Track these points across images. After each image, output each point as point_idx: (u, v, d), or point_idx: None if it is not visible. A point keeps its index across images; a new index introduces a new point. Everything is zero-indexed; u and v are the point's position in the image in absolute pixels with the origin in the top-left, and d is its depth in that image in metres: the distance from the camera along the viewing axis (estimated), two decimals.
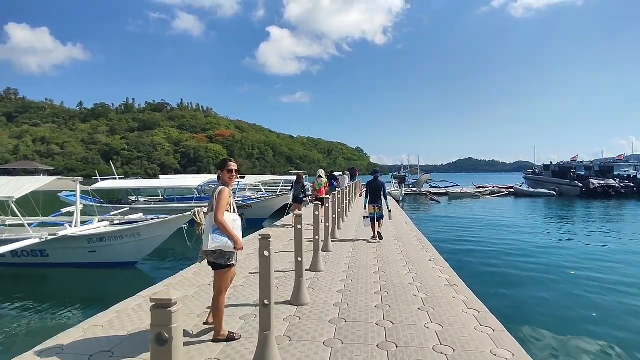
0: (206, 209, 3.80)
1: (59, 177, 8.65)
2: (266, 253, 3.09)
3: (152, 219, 8.46)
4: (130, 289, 5.65)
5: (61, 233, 7.32)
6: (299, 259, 4.57)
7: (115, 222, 8.82)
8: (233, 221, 3.56)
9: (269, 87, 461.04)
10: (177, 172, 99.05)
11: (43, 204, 10.22)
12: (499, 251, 11.31)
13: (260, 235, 3.11)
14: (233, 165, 3.76)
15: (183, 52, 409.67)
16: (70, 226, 8.00)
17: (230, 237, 3.45)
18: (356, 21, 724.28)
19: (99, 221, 8.63)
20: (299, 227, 4.61)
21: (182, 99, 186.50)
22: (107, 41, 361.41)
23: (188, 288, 5.28)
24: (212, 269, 3.64)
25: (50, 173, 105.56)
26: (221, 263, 3.51)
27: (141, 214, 9.78)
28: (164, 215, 8.96)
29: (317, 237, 6.18)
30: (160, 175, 29.46)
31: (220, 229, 3.44)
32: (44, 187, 8.10)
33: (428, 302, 4.67)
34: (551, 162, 43.01)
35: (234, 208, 3.73)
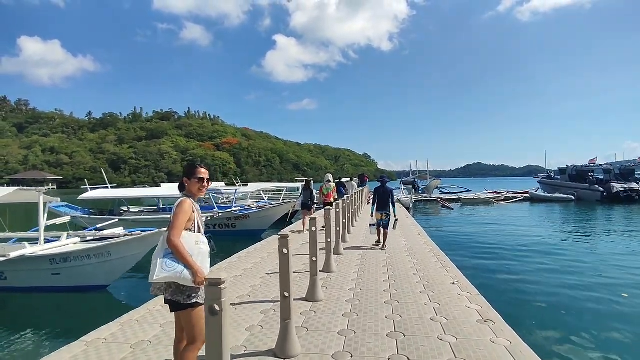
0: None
1: (20, 187, 7.66)
2: (217, 307, 1.94)
3: (125, 235, 7.39)
4: (98, 318, 4.77)
5: (14, 254, 6.28)
6: (286, 294, 3.42)
7: (88, 238, 7.76)
8: (195, 244, 2.57)
9: (275, 95, 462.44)
10: None
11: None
12: (528, 267, 9.76)
13: (208, 280, 1.97)
14: (203, 173, 2.79)
15: (190, 61, 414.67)
16: (36, 244, 6.98)
17: (187, 265, 2.46)
18: (362, 28, 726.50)
19: (68, 237, 7.60)
20: (284, 251, 3.46)
21: (189, 108, 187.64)
22: (116, 52, 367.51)
23: (148, 328, 4.14)
24: (170, 310, 2.60)
25: (58, 182, 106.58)
26: (179, 301, 2.50)
27: (121, 228, 8.71)
28: (137, 232, 7.87)
29: (314, 259, 5.03)
30: (162, 184, 28.58)
31: (175, 253, 2.47)
32: (2, 199, 7.11)
33: (460, 351, 3.47)
34: (567, 166, 41.21)
35: (199, 227, 2.72)
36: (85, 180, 21.37)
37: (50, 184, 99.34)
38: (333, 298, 5.10)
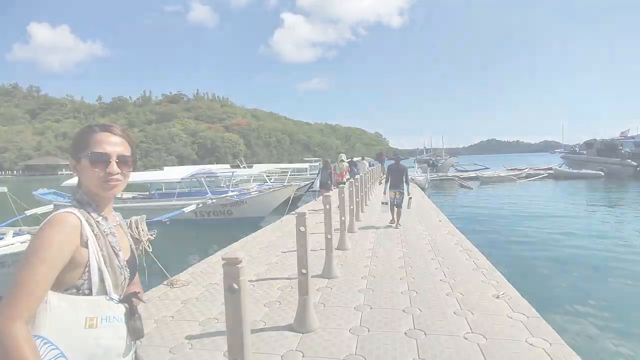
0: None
1: None
2: None
3: None
4: None
5: None
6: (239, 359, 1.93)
7: None
8: (85, 328, 1.01)
9: (284, 75, 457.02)
10: (194, 163, 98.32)
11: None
12: (587, 268, 7.68)
13: None
14: (107, 142, 1.12)
15: (198, 43, 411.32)
16: None
17: None
18: (371, 4, 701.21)
19: (15, 235, 6.33)
20: (235, 286, 1.96)
21: (198, 90, 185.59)
22: (124, 36, 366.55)
23: None
24: None
25: None
26: None
27: None
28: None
29: (304, 271, 3.56)
30: (165, 167, 27.50)
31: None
32: None
33: None
34: (595, 139, 38.42)
35: (101, 279, 1.08)
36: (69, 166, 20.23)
37: (63, 170, 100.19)
38: (331, 326, 3.63)
